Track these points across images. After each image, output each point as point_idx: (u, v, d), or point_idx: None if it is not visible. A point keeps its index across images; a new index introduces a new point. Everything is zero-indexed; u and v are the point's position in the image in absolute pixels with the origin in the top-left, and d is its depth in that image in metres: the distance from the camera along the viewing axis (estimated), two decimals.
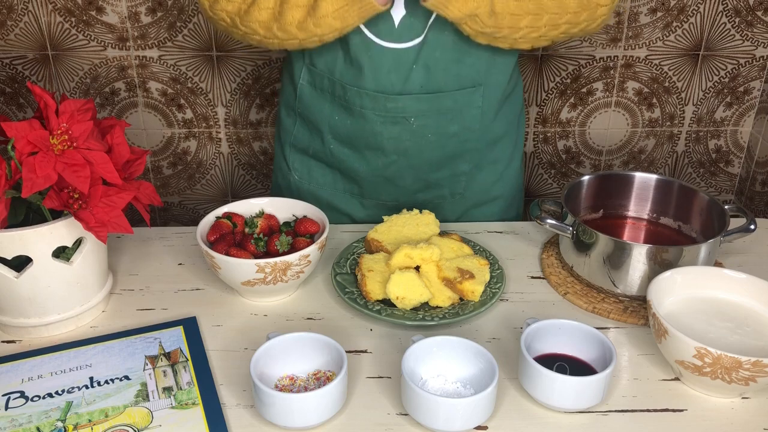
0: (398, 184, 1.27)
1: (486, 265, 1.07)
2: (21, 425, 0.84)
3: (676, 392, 0.91)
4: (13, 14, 1.73)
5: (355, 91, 1.16)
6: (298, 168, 1.32)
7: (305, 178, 1.32)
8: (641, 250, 1.02)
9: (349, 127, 1.21)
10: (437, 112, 1.18)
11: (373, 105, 1.16)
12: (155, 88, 1.84)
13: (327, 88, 1.20)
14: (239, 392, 0.90)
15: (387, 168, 1.24)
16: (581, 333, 0.91)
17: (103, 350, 0.96)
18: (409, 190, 1.28)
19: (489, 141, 1.26)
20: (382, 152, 1.22)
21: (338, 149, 1.25)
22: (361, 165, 1.25)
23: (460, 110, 1.19)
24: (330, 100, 1.21)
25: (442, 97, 1.16)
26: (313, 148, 1.28)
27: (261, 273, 0.99)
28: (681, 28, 1.83)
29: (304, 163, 1.31)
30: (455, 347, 0.88)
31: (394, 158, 1.22)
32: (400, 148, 1.21)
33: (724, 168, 2.07)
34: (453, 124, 1.20)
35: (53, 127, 0.89)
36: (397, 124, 1.18)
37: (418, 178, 1.26)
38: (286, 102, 1.30)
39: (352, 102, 1.18)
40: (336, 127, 1.22)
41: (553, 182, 2.07)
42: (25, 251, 0.92)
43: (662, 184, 1.18)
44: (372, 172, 1.25)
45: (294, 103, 1.27)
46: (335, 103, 1.20)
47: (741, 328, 0.93)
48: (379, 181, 1.27)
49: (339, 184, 1.31)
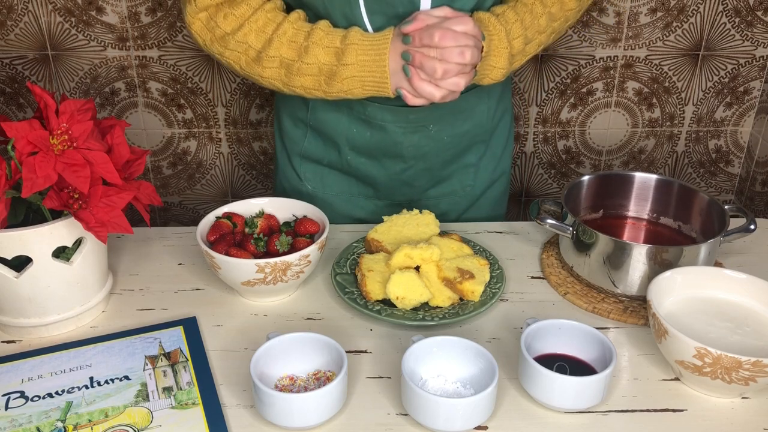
0: (414, 185, 1.29)
1: (486, 265, 1.07)
2: (21, 425, 0.84)
3: (676, 392, 0.91)
4: (13, 14, 1.73)
5: (377, 107, 1.16)
6: (311, 178, 1.31)
7: (319, 187, 1.31)
8: (641, 250, 1.02)
9: (368, 139, 1.21)
10: (452, 115, 1.20)
11: (395, 118, 1.17)
12: (155, 88, 1.84)
13: (344, 103, 1.19)
14: (239, 392, 0.90)
15: (404, 172, 1.26)
16: (581, 333, 0.91)
17: (103, 350, 0.96)
18: (423, 188, 1.30)
19: (491, 129, 1.30)
20: (402, 159, 1.23)
21: (356, 159, 1.25)
22: (379, 171, 1.26)
23: (471, 109, 1.22)
24: (347, 114, 1.20)
25: (456, 101, 1.16)
26: (328, 159, 1.28)
27: (261, 273, 0.99)
28: (681, 28, 1.83)
29: (317, 172, 1.30)
30: (455, 347, 0.88)
31: (413, 163, 1.24)
32: (418, 154, 1.23)
33: (724, 168, 2.07)
34: (465, 123, 1.23)
35: (53, 127, 0.89)
36: (416, 132, 1.20)
37: (432, 177, 1.28)
38: (292, 114, 1.28)
39: (372, 116, 1.18)
40: (354, 140, 1.22)
41: (553, 182, 2.07)
42: (25, 251, 0.92)
43: (662, 184, 1.18)
44: (389, 177, 1.26)
45: (305, 116, 1.25)
46: (353, 117, 1.20)
47: (741, 328, 0.93)
48: (395, 185, 1.28)
49: (354, 189, 1.31)
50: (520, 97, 1.91)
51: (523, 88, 1.90)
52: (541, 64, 1.88)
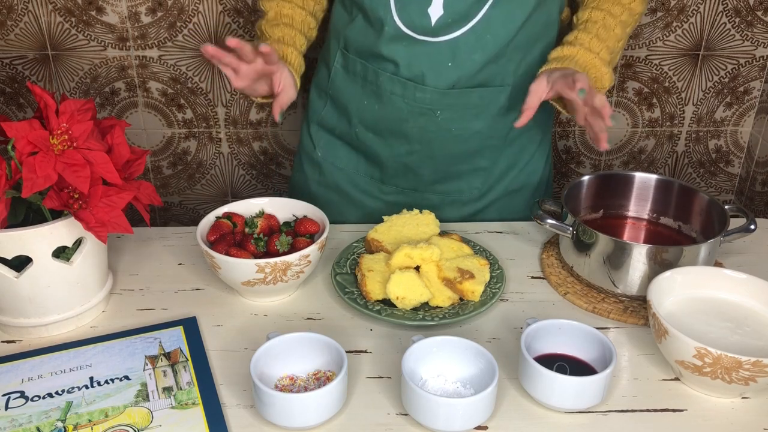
0: (418, 173, 1.29)
1: (486, 265, 1.07)
2: (21, 425, 0.84)
3: (676, 392, 0.91)
4: (13, 14, 1.73)
5: (388, 77, 1.19)
6: (323, 146, 1.35)
7: (328, 156, 1.35)
8: (641, 250, 1.02)
9: (376, 113, 1.23)
10: (463, 108, 1.20)
11: (403, 92, 1.19)
12: (155, 88, 1.84)
13: (360, 72, 1.23)
14: (239, 392, 0.90)
15: (409, 155, 1.27)
16: (581, 333, 0.91)
17: (103, 350, 0.96)
18: (427, 180, 1.30)
19: (510, 139, 1.28)
20: (406, 140, 1.24)
21: (363, 134, 1.28)
22: (384, 150, 1.28)
23: (485, 107, 1.21)
24: (361, 85, 1.23)
25: (468, 93, 1.18)
26: (339, 129, 1.32)
27: (261, 273, 0.99)
28: (681, 28, 1.83)
29: (330, 142, 1.35)
30: (455, 347, 0.88)
31: (417, 147, 1.25)
32: (423, 138, 1.23)
33: (724, 168, 2.07)
34: (477, 120, 1.22)
35: (53, 127, 0.89)
36: (423, 115, 1.20)
37: (438, 169, 1.29)
38: (318, 84, 1.34)
39: (383, 87, 1.20)
40: (364, 112, 1.25)
41: (553, 182, 2.07)
42: (25, 251, 0.92)
43: (662, 184, 1.18)
44: (394, 158, 1.28)
45: (327, 85, 1.30)
46: (366, 88, 1.23)
47: (741, 328, 0.93)
48: (399, 167, 1.29)
49: (361, 166, 1.33)
50: None
51: None
52: None
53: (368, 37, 1.19)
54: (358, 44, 1.21)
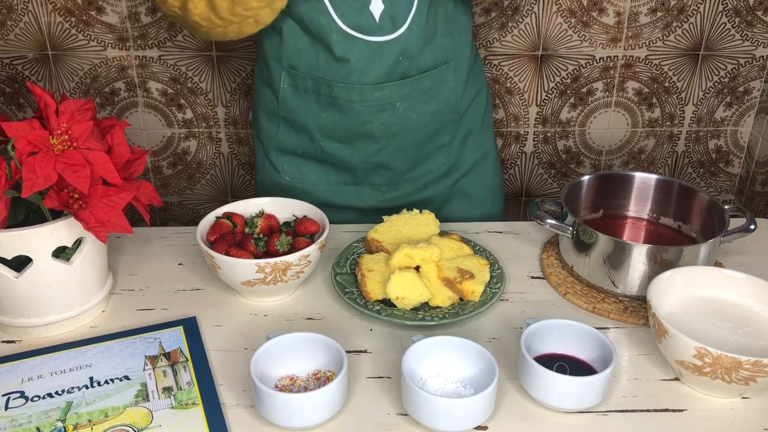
0: (389, 167, 1.30)
1: (486, 265, 1.07)
2: (21, 425, 0.84)
3: (676, 392, 0.91)
4: (13, 14, 1.73)
5: (342, 87, 1.19)
6: (288, 170, 1.34)
7: (297, 178, 1.34)
8: (641, 250, 1.02)
9: (338, 123, 1.24)
10: (420, 93, 1.23)
11: (361, 97, 1.20)
12: (155, 88, 1.84)
13: (311, 88, 1.22)
14: (239, 392, 0.90)
15: (378, 153, 1.27)
16: (581, 333, 0.91)
17: (103, 350, 0.96)
18: (399, 170, 1.32)
19: (462, 111, 1.33)
20: (373, 139, 1.25)
21: (329, 145, 1.28)
22: (353, 155, 1.28)
23: (437, 87, 1.25)
24: (315, 100, 1.23)
25: (422, 79, 1.22)
26: (302, 148, 1.31)
27: (261, 273, 0.99)
28: (681, 28, 1.83)
29: (294, 164, 1.33)
30: (455, 347, 0.88)
31: (385, 143, 1.26)
32: (389, 133, 1.25)
33: (724, 168, 2.07)
34: (433, 101, 1.25)
35: (53, 127, 0.89)
36: (384, 111, 1.22)
37: (408, 158, 1.30)
38: (265, 108, 1.32)
39: (339, 98, 1.20)
40: (325, 125, 1.25)
41: (553, 182, 2.07)
42: (25, 251, 0.92)
43: (662, 184, 1.18)
44: (364, 159, 1.28)
45: (276, 107, 1.29)
46: (321, 101, 1.23)
47: (741, 328, 0.93)
48: (371, 167, 1.30)
49: (331, 176, 1.33)
50: (520, 96, 1.91)
51: (523, 88, 1.90)
52: (541, 64, 1.88)
53: (315, 50, 1.19)
54: (306, 60, 1.21)
